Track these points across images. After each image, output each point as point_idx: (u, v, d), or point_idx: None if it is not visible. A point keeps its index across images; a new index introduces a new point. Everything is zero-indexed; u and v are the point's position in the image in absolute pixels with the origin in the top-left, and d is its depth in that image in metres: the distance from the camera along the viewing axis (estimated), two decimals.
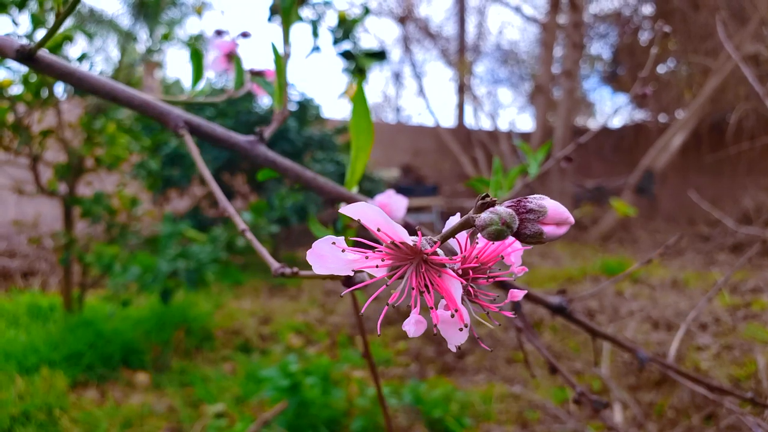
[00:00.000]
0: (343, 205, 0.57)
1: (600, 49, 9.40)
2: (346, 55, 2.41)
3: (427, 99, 10.94)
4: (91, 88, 0.49)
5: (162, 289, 2.27)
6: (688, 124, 6.76)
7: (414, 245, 0.27)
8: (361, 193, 0.56)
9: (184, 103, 0.58)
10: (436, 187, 7.69)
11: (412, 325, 0.27)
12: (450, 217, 0.29)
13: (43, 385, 1.92)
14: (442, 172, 8.50)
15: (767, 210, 5.97)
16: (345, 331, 2.88)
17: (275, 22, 1.82)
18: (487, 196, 0.26)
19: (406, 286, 0.28)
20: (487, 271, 0.30)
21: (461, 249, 0.30)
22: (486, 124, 10.03)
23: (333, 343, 2.73)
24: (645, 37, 8.38)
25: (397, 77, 9.80)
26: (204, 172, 0.41)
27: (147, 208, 3.13)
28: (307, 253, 0.29)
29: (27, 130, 2.25)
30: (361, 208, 0.26)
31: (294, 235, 5.34)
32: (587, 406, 0.54)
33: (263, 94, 0.71)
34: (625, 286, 3.77)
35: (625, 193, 6.72)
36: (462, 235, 0.30)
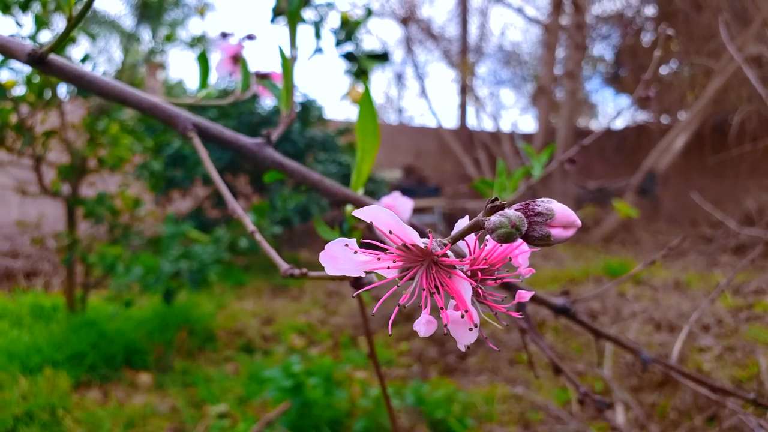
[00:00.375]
0: (350, 206, 0.58)
1: (602, 50, 9.40)
2: (349, 56, 2.42)
3: (430, 100, 10.95)
4: (101, 91, 0.49)
5: (165, 289, 2.28)
6: (690, 125, 6.75)
7: (425, 247, 0.28)
8: (363, 195, 0.56)
9: (191, 105, 0.58)
10: (438, 188, 7.69)
11: (423, 325, 0.28)
12: (459, 220, 0.30)
13: (47, 385, 1.92)
14: (444, 173, 8.50)
15: None
16: (347, 332, 2.89)
17: (278, 23, 1.82)
18: (496, 199, 0.26)
19: (416, 287, 0.28)
20: (495, 273, 0.30)
21: (470, 251, 0.30)
22: (488, 126, 10.03)
23: (335, 344, 2.73)
24: (647, 39, 8.37)
25: (399, 78, 9.80)
26: (212, 173, 0.42)
27: (150, 209, 3.13)
28: (320, 254, 0.30)
29: (30, 130, 2.26)
30: (374, 211, 0.27)
31: (296, 236, 5.35)
32: (591, 407, 0.54)
33: (268, 95, 0.71)
34: (628, 288, 3.76)
35: (628, 194, 6.72)
36: (470, 237, 0.31)
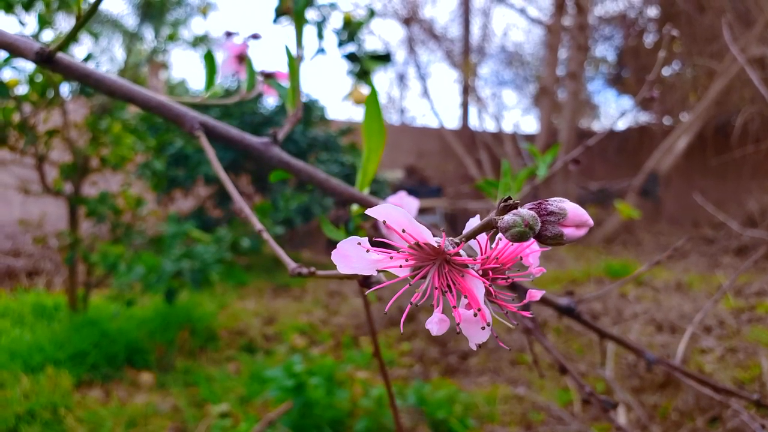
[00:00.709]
0: (356, 206, 0.58)
1: (605, 51, 9.39)
2: (351, 57, 2.42)
3: (432, 100, 10.95)
4: (108, 89, 0.49)
5: (166, 289, 2.28)
6: (692, 126, 6.75)
7: (437, 246, 0.28)
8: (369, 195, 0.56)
9: (197, 104, 0.58)
10: (440, 189, 7.68)
11: (435, 324, 0.28)
12: (470, 219, 0.30)
13: (48, 384, 1.92)
14: (446, 174, 8.50)
15: None
16: (349, 332, 2.89)
17: (280, 23, 1.82)
18: (509, 198, 0.26)
19: (428, 285, 0.28)
20: (505, 272, 0.30)
21: (481, 250, 0.31)
22: (490, 126, 10.02)
23: (337, 344, 2.73)
24: (650, 40, 8.37)
25: (401, 78, 9.80)
26: (220, 172, 0.42)
27: (152, 208, 3.14)
28: (332, 253, 0.30)
29: (33, 129, 2.26)
30: (387, 210, 0.27)
31: (298, 237, 5.35)
32: (596, 407, 0.54)
33: (273, 94, 0.71)
34: (629, 289, 3.76)
35: (629, 195, 6.71)
36: (481, 237, 0.31)
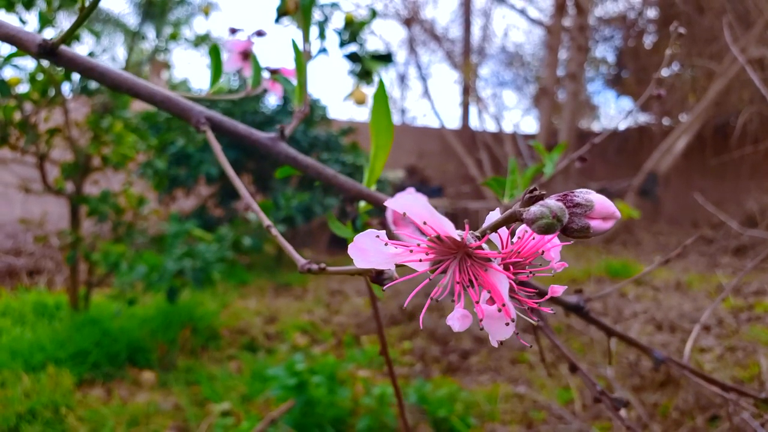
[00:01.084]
0: (363, 203, 0.58)
1: (604, 52, 9.39)
2: (353, 57, 2.42)
3: (432, 101, 10.95)
4: (112, 83, 0.49)
5: (168, 287, 2.28)
6: (692, 127, 6.76)
7: (459, 239, 0.27)
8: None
9: (202, 99, 0.58)
10: (440, 189, 7.69)
11: (457, 320, 0.27)
12: (490, 213, 0.29)
13: (50, 383, 1.92)
14: (447, 174, 8.50)
15: None
16: (350, 330, 2.89)
17: (282, 23, 1.82)
18: (535, 189, 0.26)
19: (449, 280, 0.27)
20: (526, 267, 0.29)
21: (503, 244, 0.30)
22: (491, 126, 10.03)
23: (338, 343, 2.73)
24: (650, 41, 8.37)
25: (402, 79, 9.80)
26: (227, 167, 0.42)
27: (153, 208, 3.14)
28: (349, 246, 0.29)
29: (34, 128, 2.26)
30: (408, 201, 0.26)
31: (300, 235, 5.35)
32: (607, 405, 0.54)
33: (277, 92, 0.71)
34: (629, 288, 3.76)
35: (629, 195, 6.72)
36: (503, 230, 0.30)
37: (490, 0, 8.85)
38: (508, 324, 0.27)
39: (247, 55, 0.70)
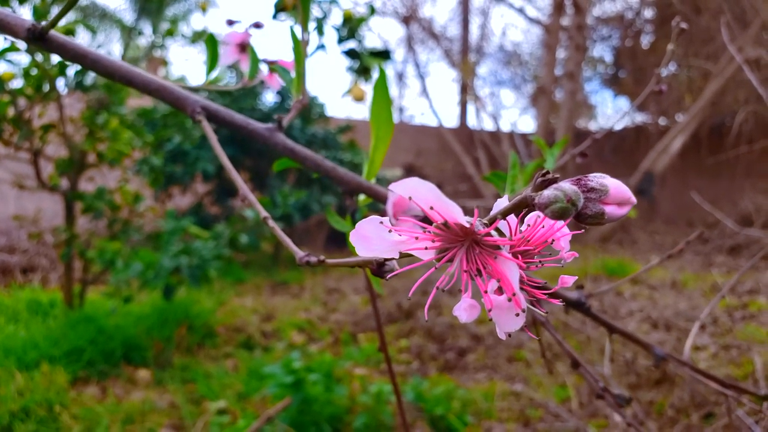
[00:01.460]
0: (363, 196, 0.57)
1: (602, 51, 9.41)
2: (351, 53, 2.41)
3: (430, 99, 10.95)
4: (105, 71, 0.48)
5: (164, 285, 2.26)
6: (688, 127, 6.78)
7: (468, 226, 0.25)
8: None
9: (199, 89, 0.57)
10: (438, 187, 7.67)
11: (464, 310, 0.25)
12: (497, 200, 0.28)
13: (43, 381, 1.91)
14: (445, 173, 8.50)
15: (766, 212, 5.98)
16: (347, 328, 2.88)
17: (280, 19, 1.81)
18: (548, 172, 0.24)
19: (456, 269, 0.26)
20: (534, 256, 0.28)
21: (511, 232, 0.28)
22: (488, 125, 10.04)
23: (335, 341, 2.73)
24: (647, 41, 8.39)
25: (400, 77, 9.79)
26: (223, 159, 0.41)
27: (149, 205, 3.12)
28: (351, 233, 0.27)
29: (28, 124, 2.24)
30: (413, 185, 0.25)
31: (297, 233, 5.34)
32: (609, 403, 0.54)
33: (275, 86, 0.70)
34: (625, 287, 3.77)
35: None
36: (512, 218, 0.28)
37: None
38: (518, 315, 0.26)
39: (244, 47, 0.69)
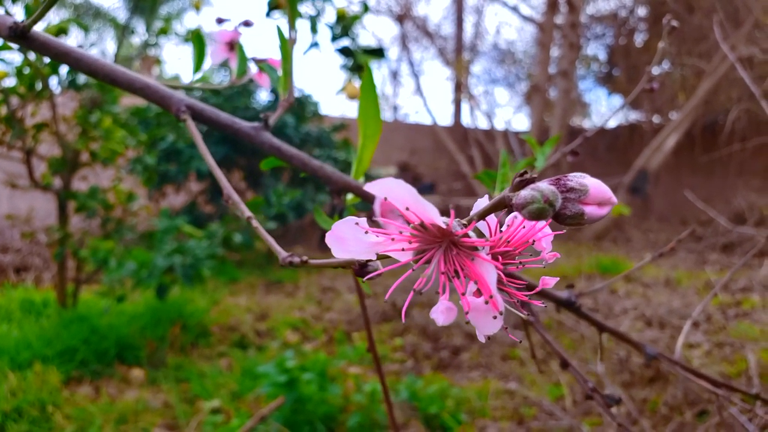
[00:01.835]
0: (351, 196, 0.57)
1: (596, 50, 9.44)
2: (345, 51, 2.40)
3: (424, 98, 10.95)
4: (89, 69, 0.47)
5: (158, 284, 2.25)
6: (681, 125, 6.81)
7: (444, 227, 0.25)
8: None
9: (185, 88, 0.57)
10: (432, 186, 7.69)
11: (441, 313, 0.25)
12: (478, 200, 0.27)
13: (36, 380, 1.90)
14: (439, 171, 8.51)
15: (759, 210, 6.03)
16: (341, 327, 2.88)
17: (274, 17, 1.80)
18: (525, 172, 0.24)
19: (433, 271, 0.25)
20: (516, 257, 0.28)
21: (491, 232, 0.28)
22: (482, 124, 10.05)
23: (330, 340, 2.72)
24: (640, 39, 8.43)
25: (394, 75, 9.80)
26: (207, 157, 0.41)
27: (143, 204, 3.10)
28: (327, 235, 0.27)
29: (20, 123, 2.22)
30: (389, 185, 0.24)
31: (291, 233, 5.33)
32: (599, 403, 0.54)
33: (265, 84, 0.70)
34: (619, 285, 3.79)
35: (619, 192, 6.76)
36: (492, 219, 0.28)
37: None
38: (495, 317, 0.25)
39: (233, 45, 0.68)
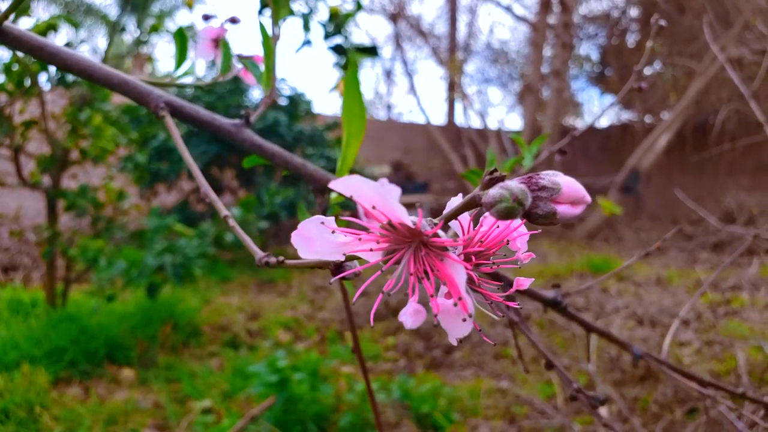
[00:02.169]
0: (335, 194, 0.56)
1: (588, 49, 9.49)
2: (337, 49, 2.40)
3: (418, 97, 10.95)
4: (64, 64, 0.46)
5: (148, 283, 2.24)
6: (673, 125, 6.86)
7: (413, 226, 0.24)
8: None
9: (168, 85, 0.56)
10: (426, 185, 7.70)
11: (410, 315, 0.24)
12: (451, 198, 0.27)
13: (24, 381, 1.88)
14: (432, 170, 8.51)
15: (749, 209, 6.08)
16: (334, 326, 2.87)
17: (266, 15, 1.79)
18: (495, 170, 0.23)
19: (403, 272, 0.25)
20: (490, 257, 0.27)
21: (463, 232, 0.27)
22: (476, 123, 10.07)
23: (322, 339, 2.72)
24: (633, 39, 8.47)
25: (388, 75, 9.79)
26: (184, 153, 0.40)
27: (134, 203, 3.08)
28: (292, 234, 0.26)
29: (8, 120, 2.20)
30: (354, 183, 0.23)
31: (284, 231, 5.31)
32: (584, 403, 0.54)
33: (251, 82, 0.69)
34: (611, 284, 3.81)
35: (611, 191, 6.79)
36: (464, 218, 0.27)
37: None
38: (465, 320, 0.24)
39: (219, 42, 0.67)
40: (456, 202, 0.26)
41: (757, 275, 3.79)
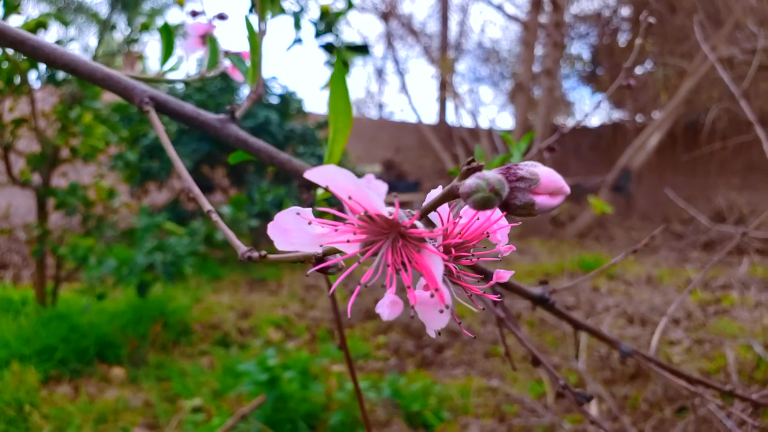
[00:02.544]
0: (321, 191, 0.56)
1: (580, 49, 9.54)
2: (328, 47, 2.39)
3: (409, 96, 10.96)
4: (47, 58, 0.46)
5: (139, 282, 2.23)
6: (664, 124, 6.91)
7: (390, 217, 0.24)
8: None
9: (154, 81, 0.56)
10: (417, 183, 7.71)
11: (387, 307, 0.24)
12: (431, 190, 0.26)
13: (13, 380, 1.86)
14: (424, 169, 8.53)
15: (739, 208, 6.14)
16: (325, 325, 2.87)
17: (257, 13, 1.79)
18: (473, 160, 0.23)
19: (380, 263, 0.24)
20: (471, 250, 0.26)
21: (442, 223, 0.27)
22: (467, 122, 10.09)
23: (312, 338, 2.72)
24: (624, 39, 8.53)
25: (379, 73, 9.79)
26: (168, 148, 0.40)
27: (125, 201, 3.06)
28: (269, 225, 0.26)
29: None
30: (330, 173, 0.23)
31: None
32: (570, 400, 0.54)
33: (240, 78, 0.69)
34: (602, 282, 3.83)
35: (603, 191, 6.84)
36: (444, 210, 0.27)
37: None
38: (442, 311, 0.24)
39: (206, 38, 0.67)
40: (436, 193, 0.26)
41: (746, 274, 3.84)
